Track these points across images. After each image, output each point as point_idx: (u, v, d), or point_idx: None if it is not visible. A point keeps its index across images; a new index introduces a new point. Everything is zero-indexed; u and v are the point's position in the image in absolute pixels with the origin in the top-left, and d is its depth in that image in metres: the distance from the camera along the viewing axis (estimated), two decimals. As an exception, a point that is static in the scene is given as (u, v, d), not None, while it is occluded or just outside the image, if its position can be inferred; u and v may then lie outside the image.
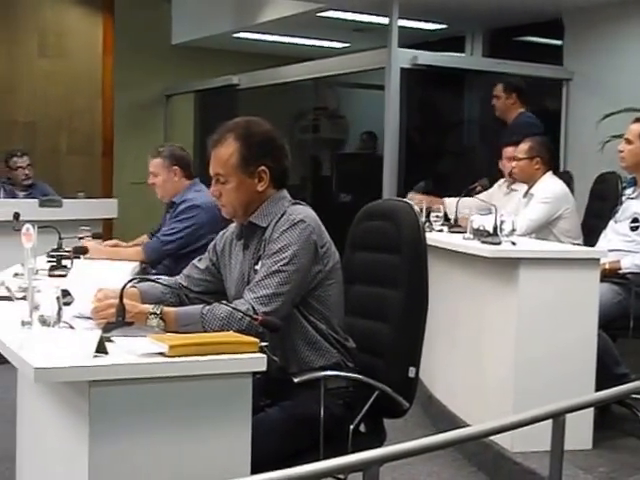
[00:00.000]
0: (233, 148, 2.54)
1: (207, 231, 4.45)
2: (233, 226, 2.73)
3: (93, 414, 1.96)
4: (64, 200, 6.08)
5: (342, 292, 2.61)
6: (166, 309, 2.38)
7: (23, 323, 2.33)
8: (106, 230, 6.31)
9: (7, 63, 7.60)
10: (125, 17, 8.38)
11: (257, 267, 2.51)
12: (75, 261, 3.93)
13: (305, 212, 2.53)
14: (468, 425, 3.25)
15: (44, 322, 2.21)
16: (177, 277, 2.81)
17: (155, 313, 2.34)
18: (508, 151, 5.23)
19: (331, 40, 8.91)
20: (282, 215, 2.52)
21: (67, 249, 4.18)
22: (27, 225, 3.48)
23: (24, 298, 2.88)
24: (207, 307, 2.37)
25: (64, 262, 3.81)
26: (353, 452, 1.93)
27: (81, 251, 4.12)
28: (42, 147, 7.71)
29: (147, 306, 2.38)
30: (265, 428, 2.31)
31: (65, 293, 2.48)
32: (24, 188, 6.32)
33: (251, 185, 2.55)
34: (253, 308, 2.35)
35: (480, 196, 4.96)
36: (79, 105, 7.95)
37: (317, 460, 1.86)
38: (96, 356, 1.99)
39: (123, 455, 1.99)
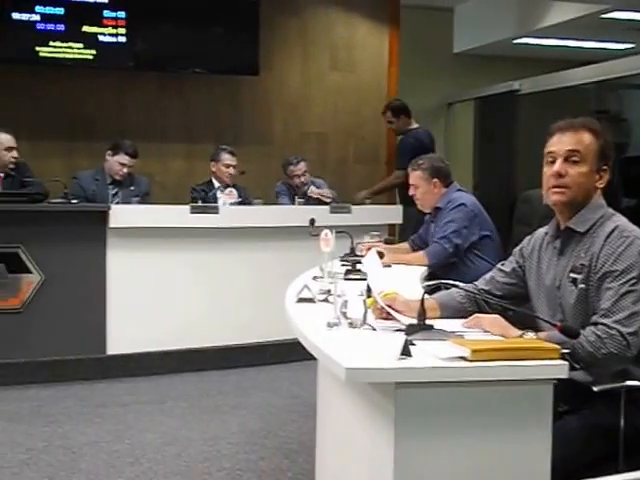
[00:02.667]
0: (593, 138, 2.54)
1: (474, 229, 4.50)
2: (542, 231, 2.72)
3: (398, 415, 2.01)
4: (352, 207, 6.34)
5: None
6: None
7: (329, 324, 2.47)
8: (390, 235, 6.48)
9: (302, 78, 8.07)
10: (409, 28, 8.58)
11: (573, 275, 2.49)
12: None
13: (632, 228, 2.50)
14: None
15: (351, 324, 2.33)
16: (476, 282, 2.85)
17: None
18: None
19: (614, 42, 8.57)
20: (601, 223, 2.50)
21: (360, 254, 4.37)
22: (326, 230, 3.68)
23: (326, 300, 3.07)
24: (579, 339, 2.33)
25: (358, 266, 3.96)
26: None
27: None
28: (332, 156, 8.09)
29: (516, 331, 2.38)
30: (564, 436, 2.28)
31: (369, 296, 2.59)
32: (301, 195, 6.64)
33: (594, 179, 2.54)
34: (619, 332, 2.33)
35: None
36: (366, 115, 8.26)
37: (616, 472, 1.82)
38: (401, 358, 2.05)
39: (426, 457, 2.04)
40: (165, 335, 5.53)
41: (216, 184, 6.35)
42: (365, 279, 3.25)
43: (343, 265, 4.11)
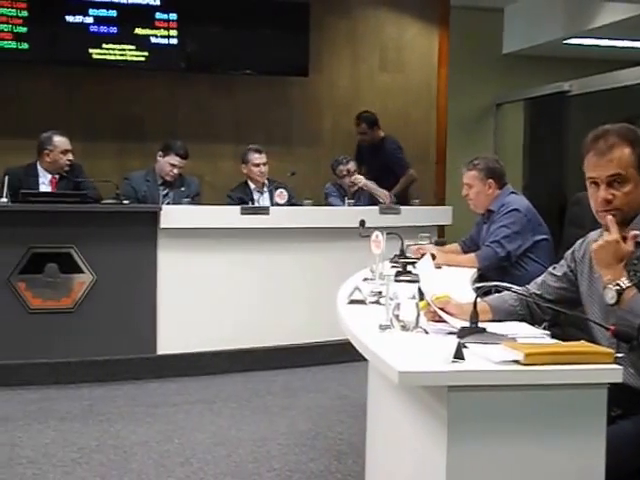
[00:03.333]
0: (629, 150, 2.49)
1: (526, 234, 4.45)
2: (594, 235, 2.68)
3: (451, 419, 2.00)
4: (402, 207, 6.32)
5: None
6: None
7: (381, 327, 2.46)
8: (440, 237, 6.44)
9: (351, 79, 8.07)
10: (459, 29, 8.53)
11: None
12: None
13: None
14: None
15: (404, 327, 2.31)
16: (528, 285, 2.82)
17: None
18: None
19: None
20: None
21: (410, 255, 4.35)
22: (377, 232, 3.68)
23: (377, 302, 3.06)
24: None
25: (409, 268, 3.94)
26: None
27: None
28: (381, 157, 8.06)
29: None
30: (618, 441, 2.23)
31: (421, 299, 2.57)
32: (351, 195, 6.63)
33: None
34: None
35: None
36: (414, 116, 8.23)
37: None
38: (454, 362, 2.04)
39: (479, 461, 2.02)
40: (214, 335, 5.56)
41: (252, 186, 6.38)
42: (416, 281, 3.24)
43: (393, 267, 4.09)
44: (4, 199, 5.09)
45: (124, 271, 5.34)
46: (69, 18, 6.95)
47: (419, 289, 2.68)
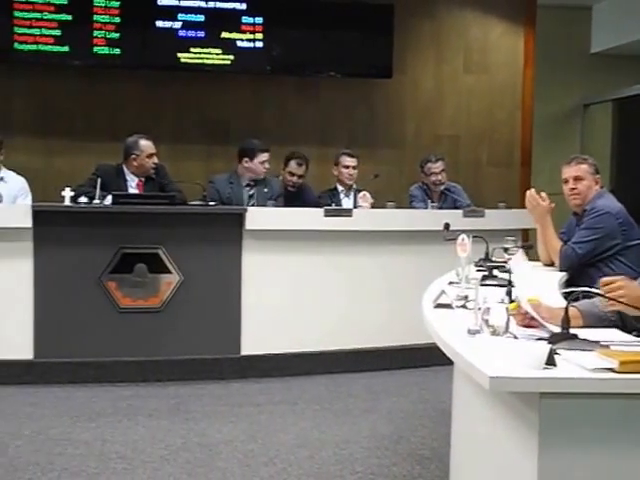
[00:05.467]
0: None
1: (617, 238, 4.36)
2: None
3: (543, 426, 1.98)
4: (486, 210, 6.25)
5: None
6: None
7: (470, 331, 2.45)
8: (524, 241, 6.34)
9: (435, 80, 8.03)
10: (545, 28, 8.40)
11: None
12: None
13: None
14: None
15: (494, 331, 2.29)
16: None
17: None
18: None
19: None
20: None
21: (495, 259, 4.30)
22: (463, 235, 3.65)
23: (463, 306, 3.03)
24: None
25: (494, 272, 3.90)
26: None
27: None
28: (464, 159, 7.99)
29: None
30: None
31: (511, 301, 2.55)
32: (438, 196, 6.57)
33: None
34: None
35: None
36: (499, 117, 8.14)
37: None
38: (546, 368, 2.01)
39: (570, 469, 2.00)
40: (297, 337, 5.60)
41: (340, 189, 6.44)
42: (503, 285, 3.21)
43: (479, 270, 4.05)
44: (97, 200, 5.23)
45: (210, 272, 5.42)
46: (159, 23, 7.12)
47: (508, 292, 2.65)
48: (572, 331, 2.33)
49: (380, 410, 4.84)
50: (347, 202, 6.36)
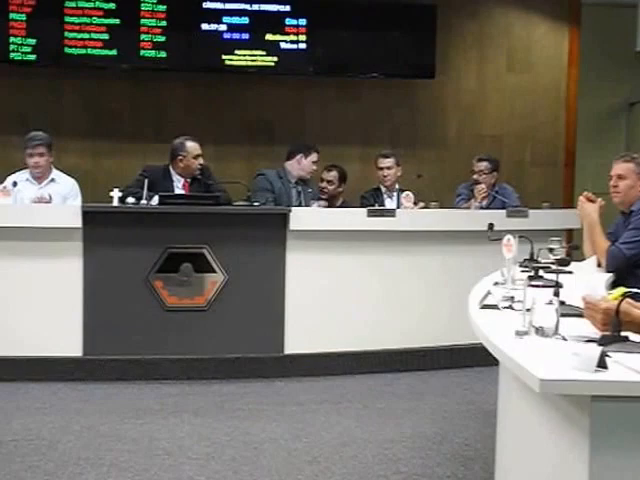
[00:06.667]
0: None
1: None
2: None
3: (594, 429, 1.97)
4: (530, 211, 6.22)
5: None
6: None
7: (518, 333, 2.45)
8: (569, 241, 6.30)
9: (478, 80, 8.01)
10: (589, 26, 8.34)
11: None
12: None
13: None
14: None
15: (542, 333, 2.29)
16: None
17: None
18: None
19: None
20: None
21: (540, 259, 4.29)
22: (508, 236, 3.65)
23: (510, 307, 3.03)
24: None
25: (540, 272, 3.88)
26: None
27: (564, 263, 4.17)
28: (507, 159, 7.94)
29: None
30: None
31: (561, 303, 2.55)
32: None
33: None
34: None
35: None
36: (542, 117, 8.09)
37: None
38: (597, 371, 2.01)
39: (622, 474, 1.98)
40: (340, 336, 5.62)
41: (383, 189, 6.51)
42: (550, 286, 3.20)
43: (523, 271, 4.04)
44: (144, 201, 5.30)
45: (254, 271, 5.46)
46: (204, 26, 7.20)
47: (555, 293, 2.65)
48: (623, 334, 2.32)
49: (423, 410, 4.85)
50: (390, 202, 6.37)
